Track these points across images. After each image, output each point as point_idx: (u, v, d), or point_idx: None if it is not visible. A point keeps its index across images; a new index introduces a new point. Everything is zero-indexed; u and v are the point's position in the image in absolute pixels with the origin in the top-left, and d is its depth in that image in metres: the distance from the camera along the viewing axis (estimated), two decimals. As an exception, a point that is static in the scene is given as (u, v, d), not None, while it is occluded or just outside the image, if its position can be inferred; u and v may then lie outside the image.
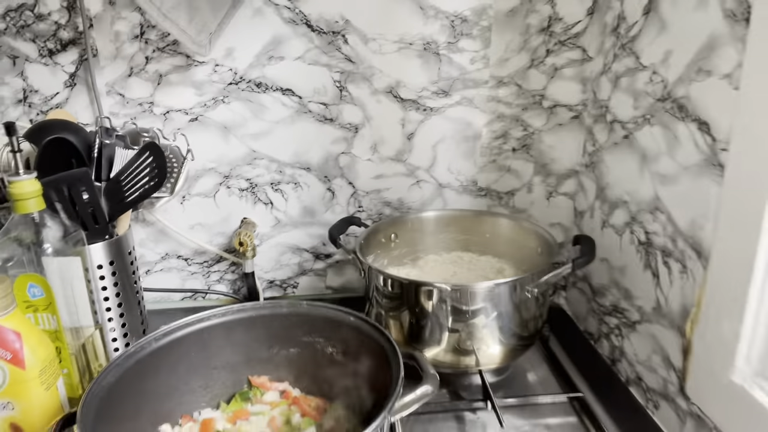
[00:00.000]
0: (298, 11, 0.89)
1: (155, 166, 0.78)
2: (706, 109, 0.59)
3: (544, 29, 0.91)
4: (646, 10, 0.71)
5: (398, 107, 0.94)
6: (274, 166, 0.97)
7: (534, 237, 0.85)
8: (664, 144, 0.67)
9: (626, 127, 0.76)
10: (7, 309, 0.59)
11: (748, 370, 0.55)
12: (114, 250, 0.80)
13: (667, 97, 0.66)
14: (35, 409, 0.61)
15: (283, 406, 0.65)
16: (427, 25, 0.90)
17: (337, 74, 0.92)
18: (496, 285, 0.71)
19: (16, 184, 0.65)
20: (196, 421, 0.63)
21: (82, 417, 0.48)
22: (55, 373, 0.63)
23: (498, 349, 0.74)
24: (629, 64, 0.75)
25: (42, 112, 0.91)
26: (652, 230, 0.71)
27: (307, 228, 1.01)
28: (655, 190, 0.69)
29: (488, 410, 0.73)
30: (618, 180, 0.80)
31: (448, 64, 0.93)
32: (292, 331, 0.67)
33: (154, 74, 0.91)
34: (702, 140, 0.60)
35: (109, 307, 0.81)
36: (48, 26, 0.88)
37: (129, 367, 0.57)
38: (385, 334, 0.60)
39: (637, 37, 0.73)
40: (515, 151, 0.98)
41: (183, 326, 0.63)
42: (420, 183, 0.99)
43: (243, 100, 0.93)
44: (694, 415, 0.63)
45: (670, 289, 0.67)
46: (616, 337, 0.81)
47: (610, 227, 0.82)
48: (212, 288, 1.04)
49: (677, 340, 0.65)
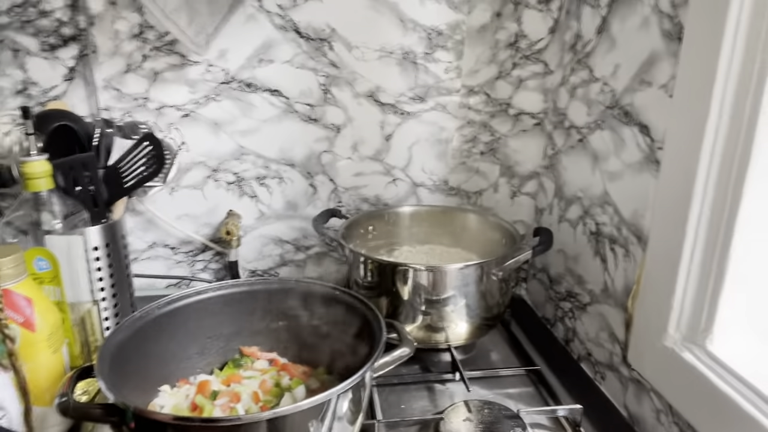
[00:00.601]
0: (289, 18, 0.96)
1: (153, 155, 0.84)
2: (646, 114, 0.69)
3: (511, 44, 1.01)
4: (599, 30, 0.81)
5: (378, 110, 1.03)
6: (261, 161, 1.04)
7: (499, 230, 0.94)
8: (612, 145, 0.77)
9: (581, 131, 0.86)
10: (20, 277, 0.64)
11: (678, 335, 0.64)
12: (109, 234, 0.85)
13: (615, 105, 0.76)
14: (42, 370, 0.66)
15: (273, 372, 0.71)
16: (406, 36, 0.99)
17: (323, 78, 1.00)
18: (466, 266, 0.79)
19: (29, 164, 0.70)
20: (193, 384, 0.69)
21: (100, 366, 0.54)
22: (61, 339, 0.69)
23: (465, 327, 0.83)
24: (584, 77, 0.85)
25: (40, 103, 0.96)
26: (601, 221, 0.80)
27: (289, 221, 1.08)
28: (605, 186, 0.79)
29: (456, 381, 0.80)
30: (573, 179, 0.90)
31: (425, 72, 1.01)
32: (281, 305, 0.74)
33: (149, 71, 0.97)
34: (643, 141, 0.70)
35: (103, 287, 0.86)
36: (50, 22, 0.93)
37: (136, 330, 0.63)
38: (368, 304, 0.67)
39: (591, 53, 0.83)
40: (483, 154, 1.07)
41: (183, 297, 0.69)
42: (396, 181, 1.07)
43: (233, 99, 1.00)
44: (634, 380, 0.72)
45: (615, 272, 0.76)
46: (570, 320, 0.90)
47: (566, 221, 0.92)
48: (196, 276, 1.09)
49: (621, 316, 0.75)
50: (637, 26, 0.71)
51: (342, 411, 0.56)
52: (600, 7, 0.81)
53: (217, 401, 0.64)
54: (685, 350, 0.63)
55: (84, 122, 0.88)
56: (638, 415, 0.72)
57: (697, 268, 0.61)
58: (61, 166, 0.76)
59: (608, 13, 0.78)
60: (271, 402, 0.65)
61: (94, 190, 0.81)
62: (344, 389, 0.53)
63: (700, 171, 0.59)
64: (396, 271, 0.80)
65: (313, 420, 0.52)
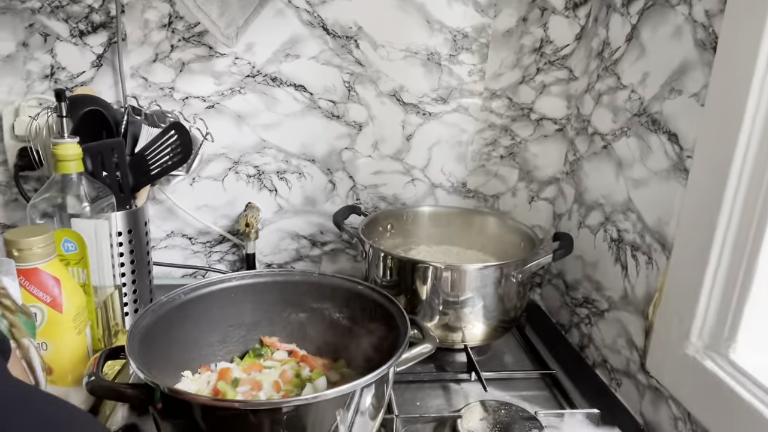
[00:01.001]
0: (317, 15, 0.97)
1: (179, 143, 0.85)
2: (675, 122, 0.70)
3: (536, 50, 1.01)
4: (628, 37, 0.81)
5: (400, 110, 1.03)
6: (282, 155, 1.04)
7: (517, 233, 0.95)
8: (638, 152, 0.77)
9: (605, 138, 0.87)
10: (49, 257, 0.65)
11: (700, 344, 0.65)
12: (133, 220, 0.86)
13: (642, 113, 0.76)
14: (67, 350, 0.67)
15: (292, 362, 0.71)
16: (432, 37, 1.00)
17: (347, 75, 1.01)
18: (486, 267, 0.79)
19: (61, 146, 0.71)
20: (214, 371, 0.69)
21: (130, 346, 0.55)
22: (85, 321, 0.69)
23: (482, 328, 0.83)
24: (611, 84, 0.86)
25: (67, 88, 0.97)
26: (623, 228, 0.81)
27: (307, 216, 1.08)
28: (628, 193, 0.79)
29: (471, 381, 0.81)
30: (595, 185, 0.90)
31: (448, 74, 1.02)
32: (303, 298, 0.74)
33: (177, 62, 0.98)
34: (671, 149, 0.70)
35: (124, 273, 0.87)
36: (81, 9, 0.94)
37: (162, 315, 0.63)
38: (392, 299, 0.67)
39: (619, 60, 0.84)
40: (503, 158, 1.08)
41: (207, 284, 0.70)
42: (414, 181, 1.08)
43: (258, 93, 1.00)
44: (652, 388, 0.72)
45: (636, 279, 0.77)
46: (586, 326, 0.90)
47: (585, 227, 0.92)
48: (213, 267, 1.10)
49: (640, 323, 0.75)
50: (669, 35, 0.72)
51: (365, 405, 0.56)
52: (630, 15, 0.81)
53: (239, 388, 0.64)
54: (707, 359, 0.63)
55: (113, 109, 0.89)
56: (654, 422, 0.72)
57: (723, 276, 0.62)
58: (90, 150, 0.76)
59: (638, 22, 0.79)
60: (292, 392, 0.66)
61: (121, 176, 0.82)
62: (370, 381, 0.54)
63: (731, 180, 0.59)
64: (416, 269, 0.80)
65: (340, 409, 0.52)
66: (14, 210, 1.01)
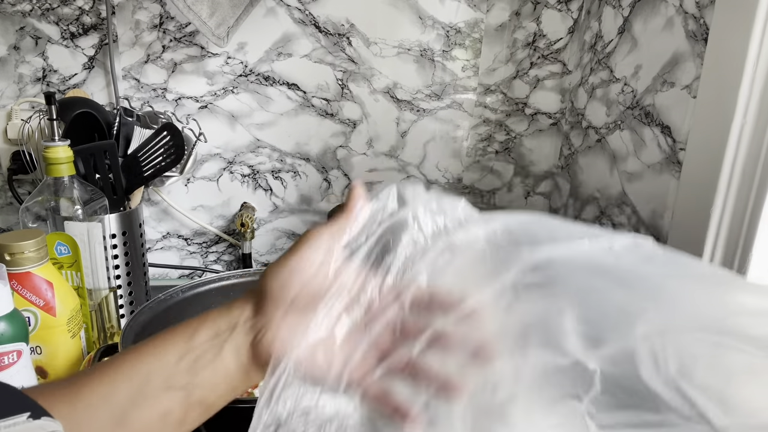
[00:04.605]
0: (308, 13, 0.97)
1: (172, 144, 0.84)
2: (668, 114, 0.69)
3: (529, 44, 1.01)
4: (620, 30, 0.81)
5: (394, 107, 1.03)
6: (276, 155, 1.04)
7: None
8: (632, 146, 0.77)
9: (599, 132, 0.87)
10: (42, 260, 0.65)
11: (695, 336, 0.64)
12: (127, 222, 0.86)
13: (635, 105, 0.76)
14: (60, 354, 0.66)
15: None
16: (424, 33, 0.99)
17: (340, 73, 1.00)
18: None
19: (52, 149, 0.71)
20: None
21: (125, 342, 0.55)
22: (79, 324, 0.69)
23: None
24: (604, 77, 0.85)
25: (60, 91, 0.97)
26: (618, 221, 0.80)
27: (303, 215, 1.08)
28: (623, 186, 0.79)
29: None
30: (590, 179, 0.90)
31: (442, 70, 1.02)
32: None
33: (169, 62, 0.97)
34: (664, 142, 0.70)
35: (119, 275, 0.86)
36: (72, 11, 0.93)
37: (159, 312, 0.63)
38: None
39: (612, 53, 0.83)
40: (498, 153, 1.07)
41: (206, 282, 0.70)
42: (410, 178, 1.08)
43: (251, 92, 1.00)
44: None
45: (632, 272, 0.77)
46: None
47: (581, 222, 0.92)
48: (209, 267, 1.09)
49: (637, 316, 0.75)
50: (660, 27, 0.71)
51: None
52: (622, 7, 0.81)
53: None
54: (702, 351, 0.63)
55: (105, 111, 0.88)
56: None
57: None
58: (82, 153, 0.76)
59: (630, 14, 0.78)
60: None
61: (114, 178, 0.82)
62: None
63: (724, 171, 0.59)
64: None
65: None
66: (8, 214, 1.01)
